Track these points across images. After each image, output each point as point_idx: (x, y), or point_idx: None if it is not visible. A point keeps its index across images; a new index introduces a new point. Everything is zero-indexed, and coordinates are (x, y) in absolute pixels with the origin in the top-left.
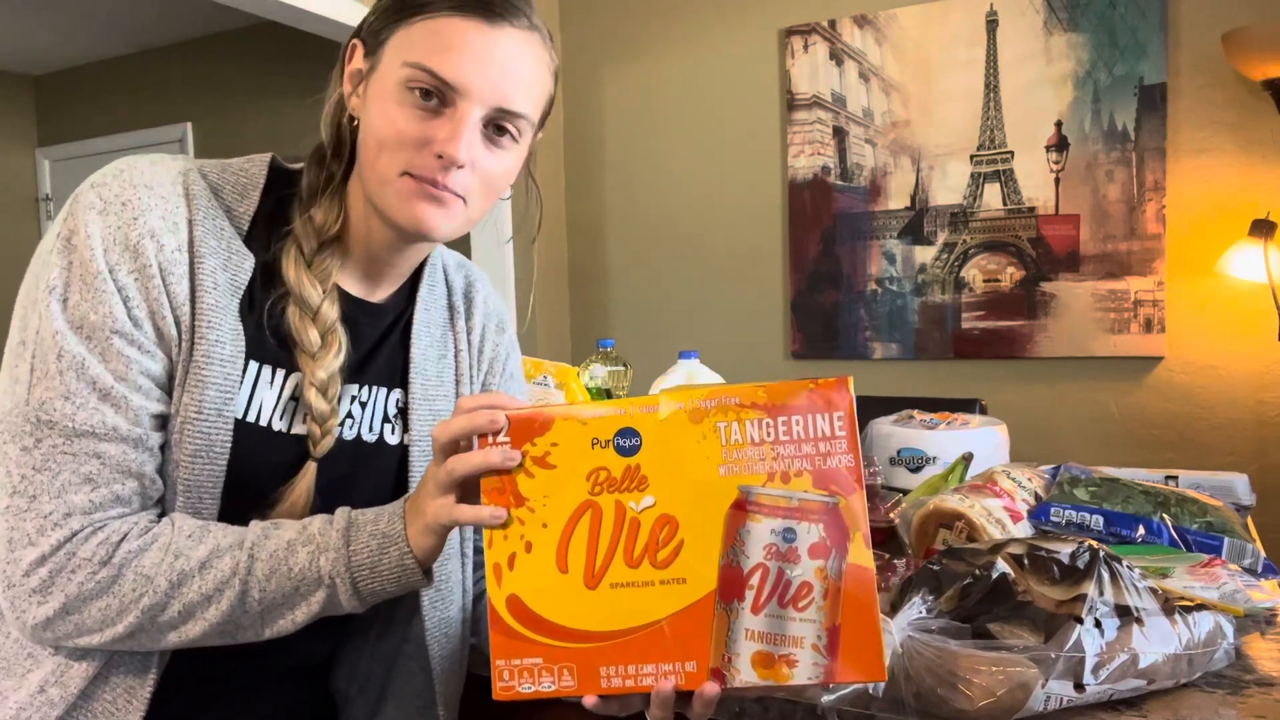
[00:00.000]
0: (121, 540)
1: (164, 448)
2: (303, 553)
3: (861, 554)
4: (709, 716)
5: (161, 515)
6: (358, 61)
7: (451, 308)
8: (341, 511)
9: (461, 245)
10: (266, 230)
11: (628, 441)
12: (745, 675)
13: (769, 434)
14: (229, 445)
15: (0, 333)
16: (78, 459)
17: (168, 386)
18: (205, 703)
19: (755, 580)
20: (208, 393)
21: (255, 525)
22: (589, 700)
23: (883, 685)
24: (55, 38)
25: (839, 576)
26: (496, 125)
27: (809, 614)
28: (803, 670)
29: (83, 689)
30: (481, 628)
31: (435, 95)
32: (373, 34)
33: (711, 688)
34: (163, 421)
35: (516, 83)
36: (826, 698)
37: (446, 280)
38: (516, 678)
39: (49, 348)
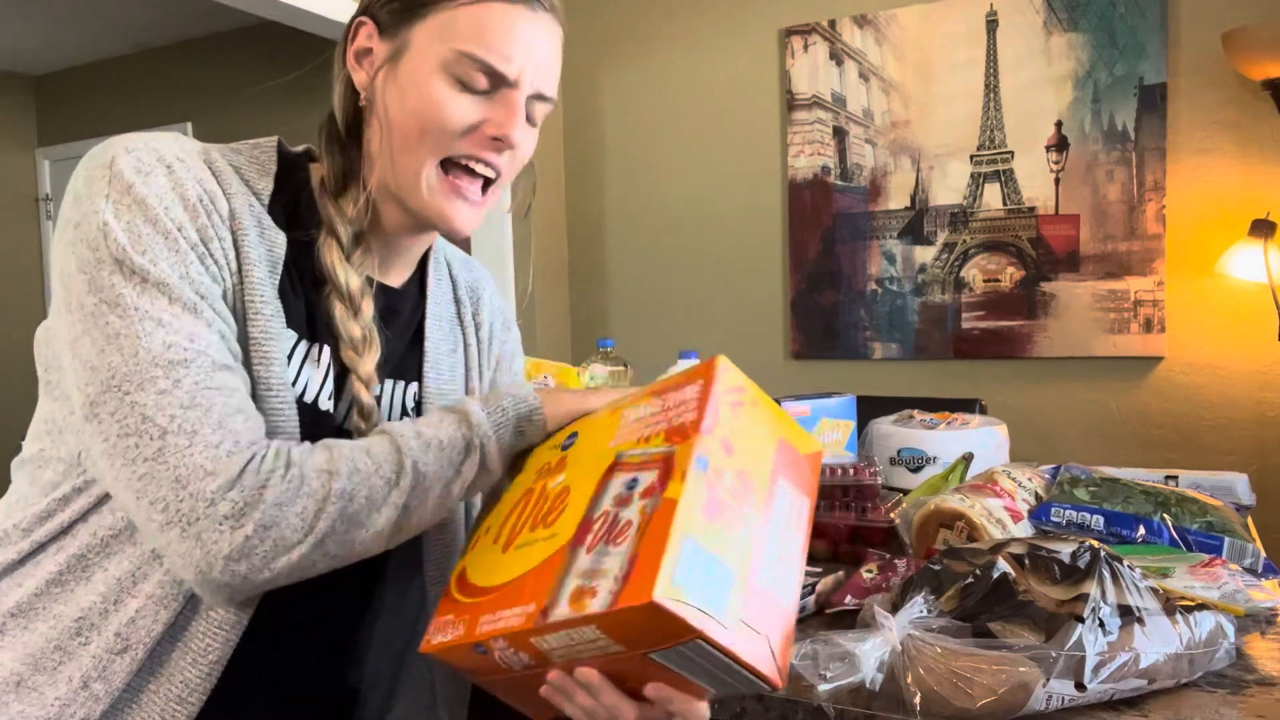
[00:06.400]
0: (290, 450)
1: None
2: (447, 424)
3: (674, 489)
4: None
5: None
6: (367, 40)
7: (458, 301)
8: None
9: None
10: (284, 213)
11: (570, 440)
12: (560, 609)
13: (653, 409)
14: (299, 421)
15: (1, 333)
16: (223, 392)
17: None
18: (236, 702)
19: (597, 526)
20: (273, 369)
21: (390, 422)
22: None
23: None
24: (55, 38)
25: (653, 511)
26: (532, 110)
27: (622, 548)
28: (597, 600)
29: (127, 683)
30: None
31: (488, 82)
32: (391, 13)
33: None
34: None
35: (552, 69)
36: (824, 686)
37: (451, 275)
38: (435, 633)
39: (155, 295)
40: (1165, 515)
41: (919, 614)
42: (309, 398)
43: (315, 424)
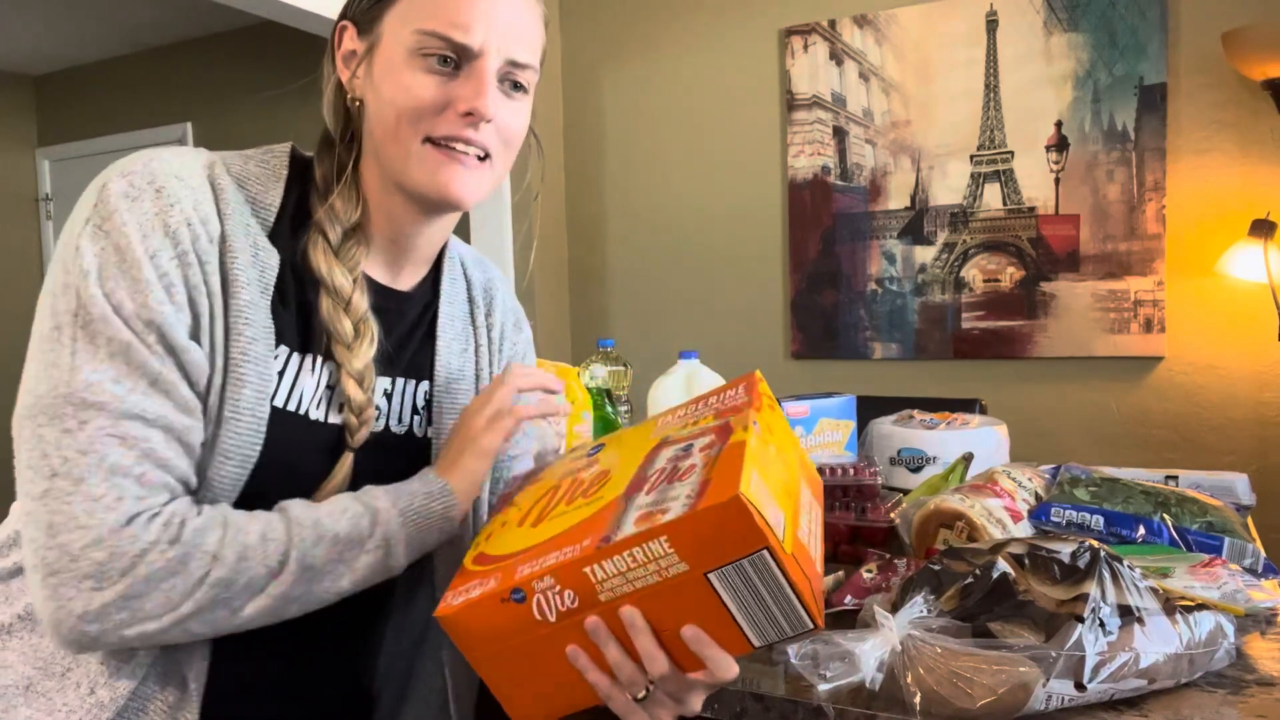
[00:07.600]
0: (183, 522)
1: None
2: (349, 516)
3: (738, 436)
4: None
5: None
6: (350, 43)
7: (471, 301)
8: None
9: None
10: (292, 223)
11: (597, 449)
12: (625, 529)
13: (694, 408)
14: (259, 447)
15: (1, 333)
16: (126, 442)
17: (204, 376)
18: (244, 707)
19: (653, 478)
20: (244, 391)
21: (295, 502)
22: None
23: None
24: (55, 38)
25: (719, 452)
26: (511, 80)
27: (690, 480)
28: (670, 514)
29: (133, 690)
30: None
31: (451, 58)
32: (364, 11)
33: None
34: (201, 414)
35: (521, 35)
36: (824, 686)
37: (465, 274)
38: (455, 596)
39: (95, 331)
40: (1165, 515)
41: (919, 614)
42: (293, 406)
43: (306, 434)
